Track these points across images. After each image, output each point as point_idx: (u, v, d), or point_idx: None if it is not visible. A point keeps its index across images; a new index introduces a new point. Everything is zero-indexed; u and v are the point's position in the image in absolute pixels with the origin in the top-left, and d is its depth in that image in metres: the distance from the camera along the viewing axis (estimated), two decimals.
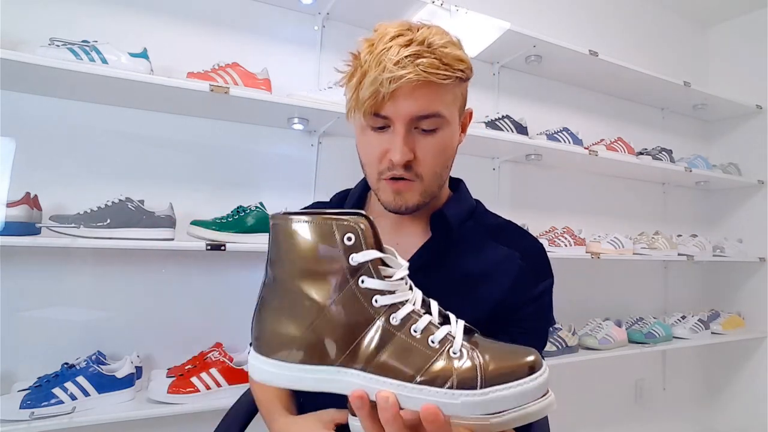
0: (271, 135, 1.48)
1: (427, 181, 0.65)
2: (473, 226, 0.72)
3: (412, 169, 0.63)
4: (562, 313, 1.87)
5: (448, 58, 0.60)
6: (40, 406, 0.99)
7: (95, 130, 1.26)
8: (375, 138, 0.64)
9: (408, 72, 0.57)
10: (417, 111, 0.60)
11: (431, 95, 0.60)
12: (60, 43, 1.09)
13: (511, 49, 1.78)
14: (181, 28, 1.39)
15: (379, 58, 0.58)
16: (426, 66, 0.58)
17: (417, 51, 0.58)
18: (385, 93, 0.58)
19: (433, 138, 0.63)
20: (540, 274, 0.70)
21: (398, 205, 0.65)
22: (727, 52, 2.63)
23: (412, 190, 0.64)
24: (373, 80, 0.58)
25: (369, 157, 0.65)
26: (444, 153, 0.65)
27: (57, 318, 1.19)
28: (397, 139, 0.61)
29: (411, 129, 0.62)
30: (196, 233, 1.21)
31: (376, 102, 0.59)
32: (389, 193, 0.65)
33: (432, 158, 0.64)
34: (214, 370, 1.17)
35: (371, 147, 0.65)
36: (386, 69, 0.57)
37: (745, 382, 2.37)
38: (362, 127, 0.66)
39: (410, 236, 0.71)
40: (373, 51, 0.60)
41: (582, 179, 2.15)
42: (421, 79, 0.58)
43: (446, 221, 0.69)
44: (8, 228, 1.02)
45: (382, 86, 0.58)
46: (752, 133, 2.44)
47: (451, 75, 0.60)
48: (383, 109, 0.60)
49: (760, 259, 2.29)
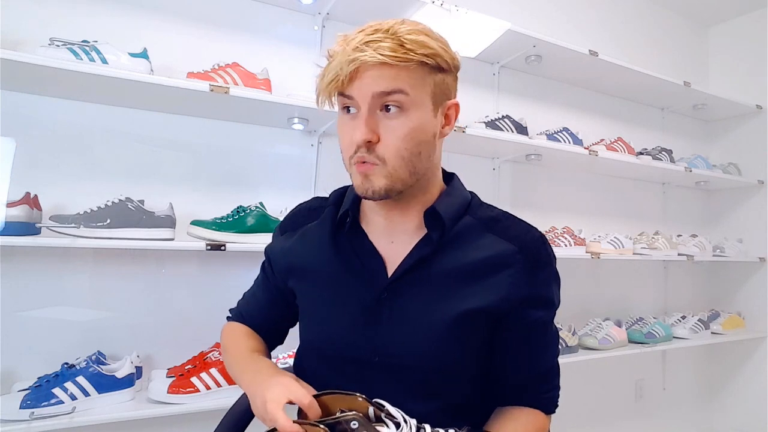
0: (271, 135, 1.48)
1: (392, 165, 0.64)
2: (469, 220, 0.71)
3: (374, 151, 0.64)
4: (562, 313, 1.87)
5: (411, 44, 0.61)
6: (40, 406, 0.99)
7: (95, 130, 1.26)
8: (346, 123, 0.65)
9: (364, 54, 0.59)
10: (376, 88, 0.61)
11: (392, 75, 0.61)
12: (60, 43, 1.09)
13: (511, 49, 1.78)
14: (181, 28, 1.39)
15: (345, 45, 0.62)
16: (383, 49, 0.60)
17: (377, 37, 0.60)
18: (344, 75, 0.60)
19: (396, 120, 0.63)
20: (540, 264, 0.69)
21: (365, 188, 0.65)
22: (727, 52, 2.63)
23: (376, 173, 0.64)
24: (334, 65, 0.61)
25: (342, 141, 0.67)
26: (411, 137, 0.64)
27: (57, 318, 1.19)
28: (358, 120, 0.63)
29: (375, 111, 0.63)
30: (196, 233, 1.21)
31: (338, 84, 0.62)
32: (358, 177, 0.65)
33: (396, 140, 0.63)
34: (214, 370, 1.17)
35: (343, 131, 0.66)
36: (345, 53, 0.60)
37: (744, 382, 2.37)
38: (340, 115, 0.67)
39: (403, 234, 0.71)
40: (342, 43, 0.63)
41: (582, 179, 2.15)
42: (376, 61, 0.60)
43: (439, 218, 0.68)
44: (8, 228, 1.02)
45: (341, 70, 0.60)
46: (752, 133, 2.44)
47: (411, 58, 0.61)
48: (346, 89, 0.62)
49: (760, 259, 2.29)
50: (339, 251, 0.72)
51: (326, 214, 0.76)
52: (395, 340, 0.66)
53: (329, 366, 0.70)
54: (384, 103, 0.63)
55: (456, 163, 1.98)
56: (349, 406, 0.57)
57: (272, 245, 0.83)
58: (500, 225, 0.71)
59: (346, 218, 0.73)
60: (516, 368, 0.70)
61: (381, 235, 0.72)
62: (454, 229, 0.70)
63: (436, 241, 0.68)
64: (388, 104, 0.63)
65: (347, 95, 0.63)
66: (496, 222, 0.71)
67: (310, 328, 0.75)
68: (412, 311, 0.67)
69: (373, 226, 0.73)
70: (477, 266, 0.67)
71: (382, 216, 0.71)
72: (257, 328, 0.84)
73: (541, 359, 0.71)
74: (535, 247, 0.69)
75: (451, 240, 0.69)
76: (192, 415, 1.13)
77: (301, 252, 0.76)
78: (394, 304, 0.67)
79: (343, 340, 0.69)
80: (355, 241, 0.72)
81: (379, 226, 0.72)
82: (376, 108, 0.63)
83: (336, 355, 0.70)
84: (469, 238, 0.69)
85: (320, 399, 0.59)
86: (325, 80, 0.62)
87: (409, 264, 0.68)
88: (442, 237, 0.69)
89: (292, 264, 0.77)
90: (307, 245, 0.76)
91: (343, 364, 0.69)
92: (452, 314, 0.65)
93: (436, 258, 0.68)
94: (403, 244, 0.70)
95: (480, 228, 0.70)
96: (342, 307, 0.70)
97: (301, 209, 0.83)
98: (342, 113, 0.66)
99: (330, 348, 0.70)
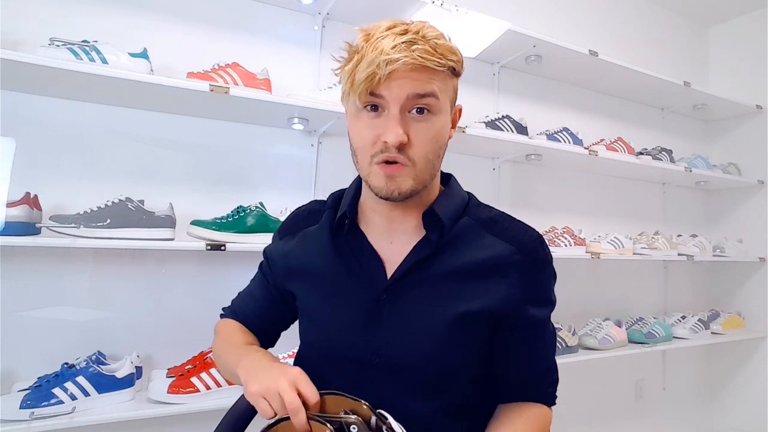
0: (271, 135, 1.48)
1: (420, 167, 0.64)
2: (468, 221, 0.71)
3: (404, 152, 0.63)
4: (562, 313, 1.88)
5: (442, 48, 0.63)
6: (40, 406, 0.99)
7: (95, 130, 1.26)
8: (369, 121, 0.64)
9: (404, 55, 0.59)
10: (412, 89, 0.62)
11: (426, 78, 0.62)
12: (60, 43, 1.09)
13: (511, 49, 1.78)
14: (181, 28, 1.39)
15: (376, 44, 0.61)
16: (421, 52, 0.60)
17: (412, 39, 0.61)
18: (382, 75, 0.60)
19: (426, 123, 0.64)
20: (538, 265, 0.69)
21: (391, 190, 0.64)
22: (727, 52, 2.63)
23: (405, 174, 0.64)
24: (370, 62, 0.60)
25: (362, 140, 0.65)
26: (436, 140, 0.66)
27: (57, 318, 1.19)
28: (391, 121, 0.62)
29: (405, 112, 0.63)
30: (196, 233, 1.21)
31: (372, 83, 0.61)
32: (381, 178, 0.64)
33: (425, 143, 0.64)
34: (214, 370, 1.17)
35: (365, 130, 0.65)
36: (383, 52, 0.60)
37: (744, 382, 2.37)
38: (356, 111, 0.66)
39: (403, 234, 0.71)
40: (370, 39, 0.62)
41: (582, 179, 2.15)
42: (417, 63, 0.60)
43: (438, 219, 0.69)
44: (8, 228, 1.02)
45: (378, 68, 0.59)
46: (752, 133, 2.44)
47: (445, 63, 0.63)
48: (379, 89, 0.62)
49: (760, 259, 2.29)
50: (338, 253, 0.72)
51: (325, 217, 0.76)
52: (395, 341, 0.66)
53: (329, 367, 0.70)
54: (416, 106, 0.63)
55: (456, 163, 1.98)
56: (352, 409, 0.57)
57: (271, 248, 0.83)
58: (498, 226, 0.71)
59: (344, 220, 0.73)
60: (517, 367, 0.71)
61: (380, 236, 0.72)
62: (453, 230, 0.70)
63: (435, 243, 0.68)
64: (420, 106, 0.63)
65: (378, 94, 0.62)
66: (494, 223, 0.71)
67: (310, 329, 0.75)
68: (411, 312, 0.67)
69: (372, 227, 0.73)
70: (476, 267, 0.67)
71: (383, 216, 0.71)
72: (251, 326, 0.83)
73: (542, 357, 0.72)
74: (533, 247, 0.69)
75: (450, 241, 0.69)
76: (192, 415, 1.13)
77: (301, 255, 0.76)
78: (394, 306, 0.67)
79: (343, 341, 0.69)
80: (354, 243, 0.72)
81: (378, 227, 0.72)
82: (407, 109, 0.63)
83: (336, 356, 0.70)
84: (467, 239, 0.70)
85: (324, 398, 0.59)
86: (358, 77, 0.61)
87: (408, 266, 0.68)
88: (440, 238, 0.69)
89: (292, 266, 0.77)
90: (307, 248, 0.76)
91: (344, 365, 0.69)
92: (452, 315, 0.65)
93: (435, 259, 0.68)
94: (402, 245, 0.70)
95: (478, 229, 0.71)
96: (342, 308, 0.70)
97: (300, 213, 0.83)
98: (362, 111, 0.65)
99: (330, 349, 0.71)
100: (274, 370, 0.59)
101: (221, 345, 0.79)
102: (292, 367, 0.62)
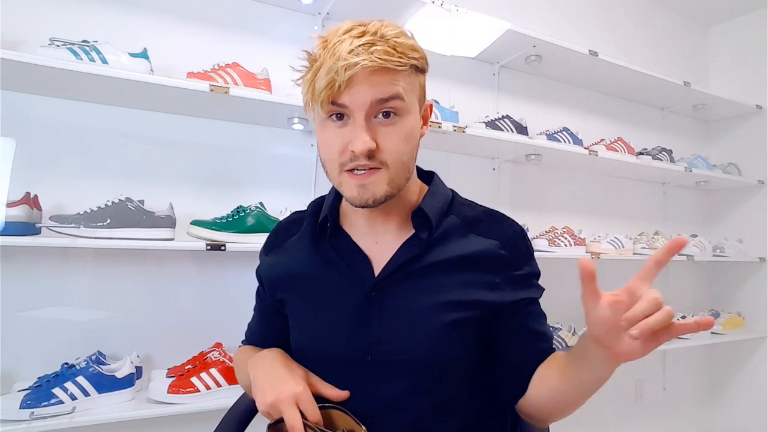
0: (271, 135, 1.48)
1: (393, 170, 0.63)
2: (454, 220, 0.72)
3: (375, 158, 0.62)
4: (562, 313, 1.88)
5: (402, 47, 0.61)
6: (40, 406, 0.99)
7: (95, 130, 1.26)
8: (335, 131, 0.63)
9: (362, 59, 0.58)
10: (374, 95, 0.60)
11: (388, 80, 0.60)
12: (60, 43, 1.09)
13: (511, 49, 1.78)
14: (181, 28, 1.39)
15: (333, 50, 0.59)
16: (380, 53, 0.59)
17: (370, 40, 0.60)
18: (341, 81, 0.58)
19: (394, 126, 0.63)
20: (521, 258, 0.71)
21: (364, 198, 0.63)
22: (727, 52, 2.63)
23: (378, 179, 0.63)
24: (328, 69, 0.58)
25: (329, 151, 0.64)
26: (407, 142, 0.64)
27: (57, 318, 1.19)
28: (357, 128, 0.61)
29: (371, 118, 0.62)
30: (196, 233, 1.21)
31: (333, 91, 0.59)
32: (353, 187, 0.63)
33: (395, 146, 0.63)
34: (214, 370, 1.17)
35: (331, 140, 0.63)
36: (341, 58, 0.58)
37: (745, 382, 2.37)
38: (321, 121, 0.65)
39: (387, 233, 0.71)
40: (327, 45, 0.61)
41: (582, 179, 2.15)
42: (376, 66, 0.58)
43: (427, 218, 0.69)
44: (8, 228, 1.02)
45: (337, 75, 0.58)
46: (752, 133, 2.44)
47: (405, 62, 0.61)
48: (340, 98, 0.60)
49: (760, 259, 2.29)
50: (323, 257, 0.73)
51: (306, 224, 0.76)
52: (387, 337, 0.66)
53: (321, 368, 0.69)
54: (381, 110, 0.62)
55: (456, 163, 1.99)
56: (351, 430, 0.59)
57: (259, 267, 0.83)
58: (483, 225, 0.72)
59: (326, 224, 0.73)
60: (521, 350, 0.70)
61: (365, 236, 0.72)
62: (440, 227, 0.71)
63: (425, 241, 0.69)
64: (386, 110, 0.62)
65: (340, 104, 0.61)
66: (479, 222, 0.73)
67: (300, 334, 0.74)
68: (401, 308, 0.67)
69: (356, 228, 0.73)
70: (462, 260, 0.69)
71: (365, 218, 0.72)
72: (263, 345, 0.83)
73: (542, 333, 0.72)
74: (515, 241, 0.71)
75: (438, 238, 0.70)
76: (192, 415, 1.13)
77: (286, 263, 0.77)
78: (384, 302, 0.67)
79: (334, 342, 0.69)
80: (338, 245, 0.72)
81: (361, 228, 0.73)
82: (372, 115, 0.62)
83: (328, 357, 0.69)
84: (453, 236, 0.71)
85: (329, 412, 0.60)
86: (318, 86, 0.60)
87: (399, 263, 0.69)
88: (429, 236, 0.70)
89: (278, 276, 0.77)
90: (292, 257, 0.77)
91: (336, 367, 0.68)
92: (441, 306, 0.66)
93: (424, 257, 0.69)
94: (388, 243, 0.71)
95: (464, 228, 0.72)
96: (331, 310, 0.70)
97: (281, 226, 0.83)
98: (327, 120, 0.64)
99: (321, 351, 0.70)
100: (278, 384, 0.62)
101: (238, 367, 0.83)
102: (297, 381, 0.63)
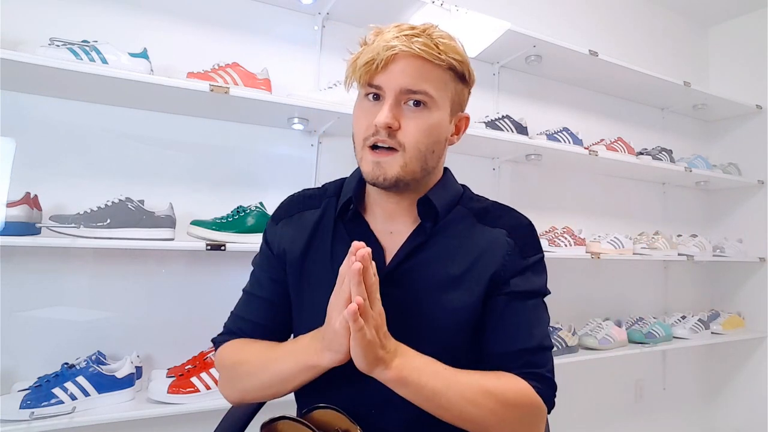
0: (271, 135, 1.48)
1: (409, 155, 0.66)
2: (461, 210, 0.74)
3: (394, 137, 0.66)
4: (562, 313, 1.88)
5: (444, 46, 0.66)
6: (40, 406, 0.99)
7: (95, 130, 1.26)
8: (367, 107, 0.68)
9: (402, 44, 0.63)
10: (406, 84, 0.65)
11: (422, 72, 0.65)
12: (60, 43, 1.09)
13: (511, 49, 1.78)
14: (181, 28, 1.39)
15: (382, 35, 0.66)
16: (420, 44, 0.64)
17: (416, 33, 0.65)
18: (379, 61, 0.63)
19: (419, 113, 0.66)
20: (528, 249, 0.72)
21: (376, 175, 0.66)
22: (727, 52, 2.62)
23: (392, 160, 0.66)
24: (371, 49, 0.64)
25: (358, 124, 0.69)
26: (429, 133, 0.67)
27: (57, 318, 1.19)
28: (384, 105, 0.65)
29: (400, 102, 0.66)
30: (196, 233, 1.21)
31: (370, 70, 0.65)
32: (369, 163, 0.67)
33: (415, 131, 0.66)
34: (214, 370, 1.17)
35: (362, 115, 0.68)
36: (384, 41, 0.64)
37: (745, 382, 2.37)
38: (360, 99, 0.70)
39: (402, 225, 0.73)
40: (379, 33, 0.67)
41: (582, 179, 2.15)
42: (413, 52, 0.63)
43: (432, 206, 0.71)
44: (8, 228, 1.02)
45: (377, 55, 0.63)
46: (752, 133, 2.44)
47: (443, 59, 0.65)
48: (376, 78, 0.65)
49: (760, 259, 2.29)
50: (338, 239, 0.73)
51: (327, 204, 0.76)
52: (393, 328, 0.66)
53: None
54: (411, 99, 0.66)
55: (456, 163, 1.97)
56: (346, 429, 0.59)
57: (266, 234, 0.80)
58: (490, 215, 0.74)
59: (349, 206, 0.73)
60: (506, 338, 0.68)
61: (382, 225, 0.74)
62: (447, 218, 0.73)
63: (429, 230, 0.71)
64: (416, 100, 0.66)
65: (376, 85, 0.66)
66: (486, 213, 0.75)
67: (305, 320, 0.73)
68: (408, 299, 0.68)
69: (374, 217, 0.75)
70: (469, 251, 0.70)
71: (383, 208, 0.73)
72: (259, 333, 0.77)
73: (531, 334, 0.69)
74: (523, 232, 0.73)
75: (444, 228, 0.72)
76: (192, 415, 1.13)
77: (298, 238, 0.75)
78: (392, 293, 0.67)
79: None
80: (355, 231, 0.73)
81: (379, 218, 0.74)
82: (402, 100, 0.66)
83: None
84: (460, 226, 0.73)
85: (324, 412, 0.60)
86: (360, 62, 0.65)
87: (404, 254, 0.70)
88: (434, 226, 0.71)
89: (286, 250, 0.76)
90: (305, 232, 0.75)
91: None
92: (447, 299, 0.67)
93: (429, 246, 0.71)
94: (401, 236, 0.72)
95: (471, 218, 0.74)
96: None
97: (296, 197, 0.82)
98: (364, 99, 0.69)
99: None
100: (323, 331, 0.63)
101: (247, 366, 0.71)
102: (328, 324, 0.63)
